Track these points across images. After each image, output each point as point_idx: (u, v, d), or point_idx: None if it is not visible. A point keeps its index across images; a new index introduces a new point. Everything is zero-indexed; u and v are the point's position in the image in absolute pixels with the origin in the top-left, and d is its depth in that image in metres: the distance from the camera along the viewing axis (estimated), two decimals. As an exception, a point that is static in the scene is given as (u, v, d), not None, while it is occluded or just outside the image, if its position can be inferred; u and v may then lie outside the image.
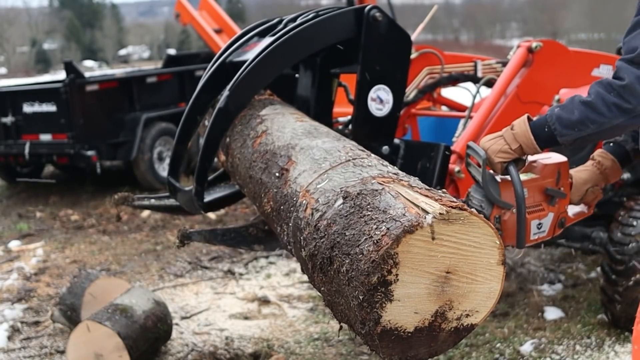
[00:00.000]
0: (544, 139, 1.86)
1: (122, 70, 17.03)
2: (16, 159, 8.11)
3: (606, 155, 2.20)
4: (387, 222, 1.20)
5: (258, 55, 2.41)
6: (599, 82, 1.78)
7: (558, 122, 1.82)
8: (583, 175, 2.16)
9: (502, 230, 1.94)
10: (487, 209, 1.94)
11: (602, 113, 1.74)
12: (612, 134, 1.89)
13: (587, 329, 3.71)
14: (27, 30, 60.08)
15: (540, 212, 2.00)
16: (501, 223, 1.94)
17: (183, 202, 2.68)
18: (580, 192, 2.14)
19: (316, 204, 1.47)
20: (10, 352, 3.86)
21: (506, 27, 64.93)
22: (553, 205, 2.02)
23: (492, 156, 1.91)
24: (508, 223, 1.94)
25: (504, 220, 1.94)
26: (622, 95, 1.71)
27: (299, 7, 34.61)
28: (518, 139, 1.88)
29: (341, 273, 1.26)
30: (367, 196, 1.32)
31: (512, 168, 1.89)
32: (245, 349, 3.69)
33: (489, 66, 4.08)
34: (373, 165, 1.56)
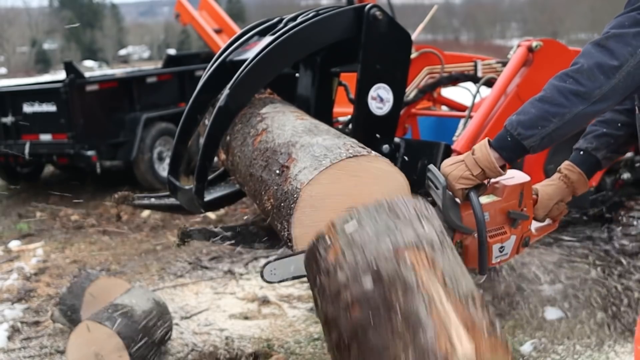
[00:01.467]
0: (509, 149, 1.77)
1: (122, 70, 17.03)
2: (16, 159, 8.11)
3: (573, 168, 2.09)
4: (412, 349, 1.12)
5: (258, 54, 2.40)
6: (555, 76, 1.71)
7: (519, 125, 1.74)
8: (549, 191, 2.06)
9: (464, 255, 1.86)
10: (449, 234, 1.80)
11: (559, 104, 1.67)
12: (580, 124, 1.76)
13: (587, 329, 3.71)
14: (27, 30, 60.07)
15: (503, 236, 1.92)
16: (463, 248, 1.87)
17: (183, 201, 2.67)
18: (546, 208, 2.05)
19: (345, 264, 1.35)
20: (10, 352, 3.86)
21: (506, 27, 64.92)
22: (516, 228, 1.94)
23: (453, 182, 1.83)
24: (470, 247, 1.86)
25: (465, 245, 1.86)
26: (577, 80, 1.64)
27: (299, 7, 34.58)
28: (480, 163, 1.79)
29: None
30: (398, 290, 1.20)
31: (472, 194, 1.82)
32: (245, 349, 3.69)
33: (489, 66, 4.07)
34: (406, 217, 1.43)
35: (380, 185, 1.78)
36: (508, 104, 3.19)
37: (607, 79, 1.61)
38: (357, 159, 1.73)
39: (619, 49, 1.60)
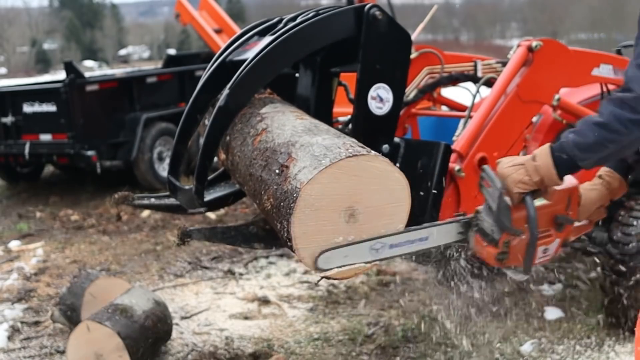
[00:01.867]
0: (564, 166, 1.83)
1: (122, 70, 17.03)
2: (16, 159, 8.11)
3: (612, 174, 2.17)
4: None
5: (258, 54, 2.40)
6: (610, 100, 1.73)
7: (576, 147, 1.78)
8: (592, 195, 2.12)
9: (509, 254, 1.96)
10: (497, 234, 1.95)
11: (617, 131, 1.70)
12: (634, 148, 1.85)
13: (587, 329, 3.71)
14: (27, 30, 60.07)
15: (548, 239, 2.00)
16: (509, 247, 1.95)
17: (183, 201, 2.67)
18: (588, 212, 2.12)
19: None
20: (10, 352, 3.86)
21: (506, 27, 64.91)
22: (560, 232, 2.02)
23: (511, 185, 1.89)
24: (516, 248, 1.95)
25: (512, 245, 1.95)
26: (634, 108, 1.66)
27: (299, 7, 34.57)
28: (540, 171, 1.84)
29: None
30: None
31: (529, 200, 1.90)
32: (245, 349, 3.69)
33: (489, 66, 4.07)
34: None
35: (380, 185, 1.78)
36: (508, 103, 3.19)
37: None
38: (356, 158, 1.73)
39: None
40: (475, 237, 2.03)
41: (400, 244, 1.91)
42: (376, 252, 1.86)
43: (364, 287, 4.53)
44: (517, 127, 3.22)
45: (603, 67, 3.64)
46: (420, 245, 1.97)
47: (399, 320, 3.97)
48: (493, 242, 1.95)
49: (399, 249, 1.91)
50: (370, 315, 4.07)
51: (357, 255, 1.82)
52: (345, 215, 1.75)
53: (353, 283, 4.59)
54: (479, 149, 3.06)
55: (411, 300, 4.30)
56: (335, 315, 4.12)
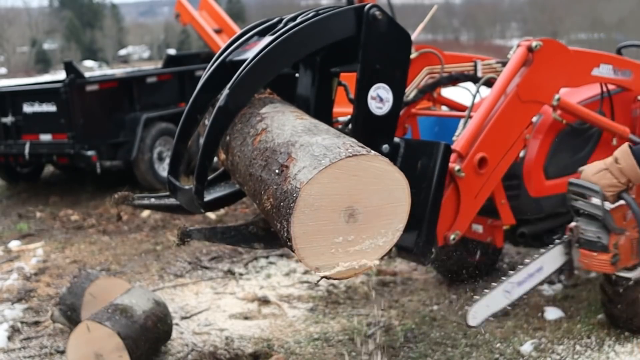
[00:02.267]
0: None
1: (122, 70, 17.04)
2: (16, 159, 8.11)
3: None
4: None
5: (258, 54, 2.40)
6: None
7: None
8: None
9: (620, 254, 2.13)
10: (605, 239, 2.11)
11: None
12: None
13: (587, 329, 3.71)
14: (27, 30, 60.07)
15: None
16: (618, 248, 2.12)
17: (183, 201, 2.67)
18: None
19: None
20: (10, 352, 3.86)
21: (506, 27, 64.91)
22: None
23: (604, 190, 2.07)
24: (625, 246, 2.12)
25: (620, 245, 2.12)
26: None
27: (299, 7, 34.59)
28: (626, 172, 2.02)
29: None
30: None
31: (626, 195, 2.06)
32: (245, 349, 3.69)
33: (489, 66, 4.07)
34: None
35: (379, 185, 1.78)
36: (508, 104, 3.18)
37: None
38: (356, 158, 1.73)
39: None
40: (580, 252, 2.19)
41: (525, 280, 2.15)
42: (509, 294, 2.13)
43: (364, 287, 4.53)
44: (517, 127, 3.21)
45: (603, 67, 3.64)
46: (539, 277, 2.22)
47: (399, 320, 3.97)
48: (603, 249, 2.12)
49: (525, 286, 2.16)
50: (370, 315, 4.07)
51: (496, 303, 2.08)
52: (345, 215, 1.75)
53: (353, 283, 4.59)
54: (479, 149, 3.05)
55: (411, 300, 4.30)
56: (335, 315, 4.13)
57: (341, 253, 1.78)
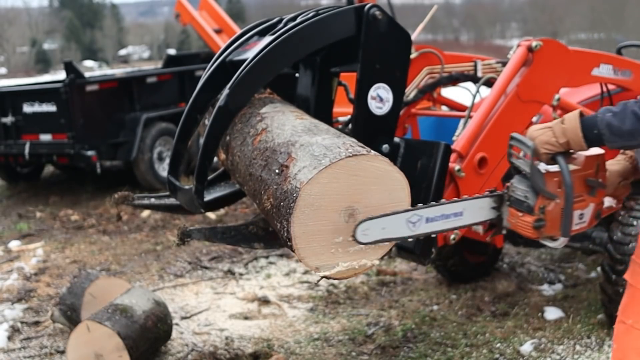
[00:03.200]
0: (591, 139, 1.89)
1: (122, 70, 17.04)
2: (16, 159, 8.11)
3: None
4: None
5: (258, 54, 2.40)
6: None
7: (608, 128, 1.84)
8: (616, 168, 2.17)
9: (546, 220, 1.98)
10: (532, 200, 1.97)
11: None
12: None
13: (587, 329, 3.71)
14: (27, 30, 60.09)
15: (582, 203, 2.04)
16: (545, 213, 1.97)
17: (183, 201, 2.67)
18: (613, 185, 2.17)
19: None
20: (10, 352, 3.86)
21: (506, 27, 64.92)
22: (594, 196, 2.06)
23: (538, 146, 1.93)
24: (552, 213, 1.97)
25: (548, 210, 1.97)
26: None
27: (299, 7, 34.62)
28: (567, 134, 1.90)
29: None
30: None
31: (560, 158, 1.94)
32: (245, 349, 3.69)
33: (489, 66, 4.07)
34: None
35: (379, 185, 1.78)
36: (508, 103, 3.18)
37: None
38: (356, 158, 1.73)
39: None
40: (509, 211, 2.05)
41: (437, 218, 1.92)
42: (413, 225, 1.86)
43: (364, 287, 4.53)
44: (517, 127, 3.20)
45: (603, 67, 3.64)
46: (456, 222, 1.98)
47: (399, 320, 3.97)
48: (529, 210, 1.98)
49: (435, 224, 1.92)
50: (370, 315, 4.07)
51: (395, 229, 1.82)
52: (345, 215, 1.75)
53: (353, 283, 4.59)
54: (479, 148, 3.05)
55: (411, 300, 4.30)
56: (335, 315, 4.13)
57: (341, 253, 1.78)
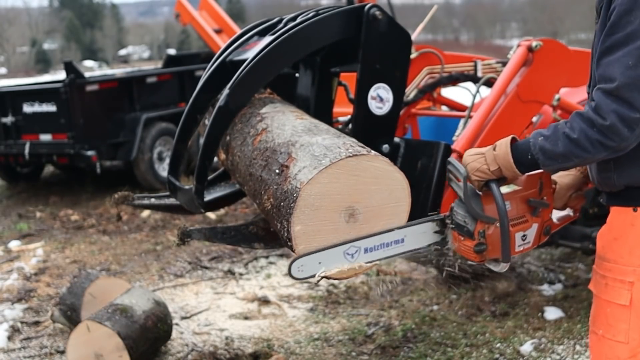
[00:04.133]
0: (526, 165, 1.86)
1: (122, 70, 17.04)
2: (16, 159, 8.11)
3: None
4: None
5: (258, 54, 2.40)
6: (581, 116, 1.74)
7: (541, 152, 1.81)
8: (566, 181, 2.12)
9: (487, 244, 1.91)
10: (471, 224, 1.91)
11: (585, 149, 1.73)
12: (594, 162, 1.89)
13: (587, 329, 3.69)
14: (27, 30, 60.11)
15: (524, 224, 1.98)
16: (485, 237, 1.91)
17: (183, 201, 2.67)
18: (564, 198, 2.12)
19: None
20: (10, 352, 3.86)
21: (506, 27, 64.95)
22: (537, 216, 1.99)
23: (470, 173, 1.90)
24: (492, 237, 1.91)
25: (488, 234, 1.91)
26: (604, 133, 1.69)
27: (299, 7, 34.66)
28: (498, 161, 1.86)
29: None
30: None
31: (493, 185, 1.88)
32: (245, 349, 3.69)
33: (489, 66, 4.07)
34: None
35: (379, 185, 1.78)
36: (508, 103, 3.18)
37: (631, 132, 1.67)
38: (356, 158, 1.73)
39: (635, 98, 1.65)
40: (452, 234, 1.99)
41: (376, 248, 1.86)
42: (351, 257, 1.82)
43: (364, 287, 4.53)
44: (517, 127, 3.21)
45: (603, 67, 3.63)
46: (397, 249, 1.91)
47: (399, 320, 3.97)
48: (469, 234, 1.91)
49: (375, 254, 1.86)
50: (370, 315, 4.07)
51: (332, 261, 1.78)
52: (345, 215, 1.75)
53: (353, 283, 4.59)
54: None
55: (411, 300, 4.30)
56: (335, 315, 4.12)
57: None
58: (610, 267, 1.86)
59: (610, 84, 1.67)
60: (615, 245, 1.85)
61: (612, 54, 1.70)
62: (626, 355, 1.85)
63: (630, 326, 1.83)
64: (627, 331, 1.83)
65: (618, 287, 1.83)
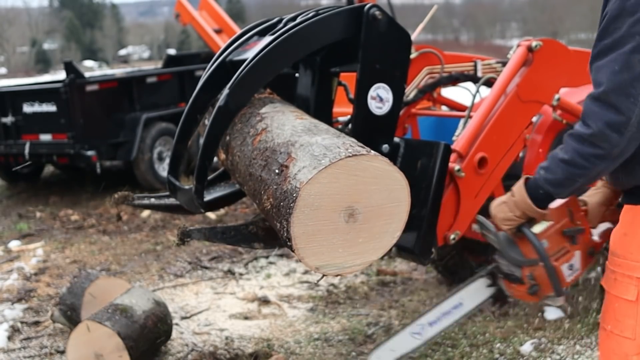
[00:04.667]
0: (542, 200, 1.93)
1: (122, 70, 17.05)
2: (16, 159, 8.11)
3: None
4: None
5: (258, 54, 2.40)
6: (571, 136, 1.79)
7: (548, 184, 1.88)
8: (596, 199, 2.16)
9: (539, 284, 2.01)
10: (517, 271, 2.01)
11: (583, 167, 1.77)
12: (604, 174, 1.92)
13: (587, 329, 3.71)
14: (27, 30, 60.12)
15: (567, 255, 2.04)
16: (534, 278, 2.00)
17: (183, 201, 2.67)
18: (598, 216, 2.16)
19: None
20: (10, 352, 3.86)
21: (506, 27, 64.99)
22: (576, 243, 2.05)
23: (500, 225, 1.99)
24: (541, 277, 2.00)
25: (536, 275, 2.00)
26: (594, 144, 1.72)
27: (299, 7, 34.65)
28: (519, 206, 1.95)
29: None
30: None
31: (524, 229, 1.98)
32: (245, 349, 3.69)
33: (489, 66, 4.07)
34: None
35: (379, 185, 1.77)
36: (508, 104, 3.18)
37: (621, 136, 1.69)
38: (356, 158, 1.73)
39: (621, 102, 1.66)
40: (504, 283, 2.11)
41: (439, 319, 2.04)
42: (419, 335, 2.01)
43: (364, 287, 4.53)
44: (517, 127, 3.21)
45: (603, 67, 3.63)
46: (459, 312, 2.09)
47: (399, 320, 3.97)
48: (518, 281, 2.03)
49: (440, 324, 2.04)
50: (370, 315, 4.07)
51: (403, 345, 1.97)
52: (345, 215, 1.75)
53: (353, 283, 4.59)
54: (478, 148, 3.05)
55: (411, 300, 4.30)
56: (335, 315, 4.13)
57: (341, 253, 1.78)
58: (619, 262, 1.88)
59: (598, 89, 1.71)
60: (625, 241, 1.88)
61: (600, 59, 1.73)
62: (634, 351, 1.84)
63: (637, 322, 1.83)
64: (634, 327, 1.84)
65: (626, 282, 1.85)
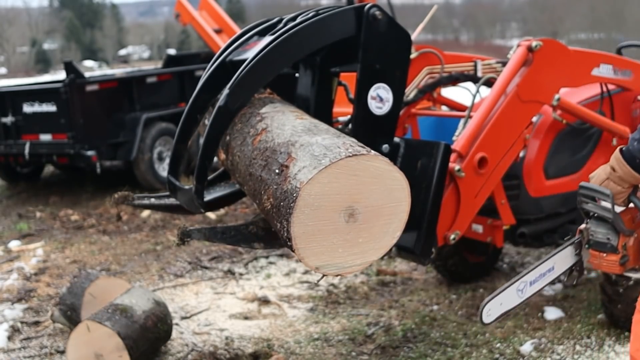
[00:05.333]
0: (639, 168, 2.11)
1: (122, 70, 17.05)
2: (16, 159, 8.11)
3: None
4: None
5: (258, 54, 2.40)
6: None
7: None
8: None
9: (629, 255, 2.18)
10: (615, 240, 2.17)
11: None
12: None
13: (587, 329, 3.71)
14: (27, 30, 60.11)
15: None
16: (627, 249, 2.17)
17: (183, 201, 2.67)
18: None
19: None
20: (10, 352, 3.86)
21: (506, 27, 64.97)
22: None
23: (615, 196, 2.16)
24: (633, 248, 2.18)
25: (629, 246, 2.17)
26: None
27: (299, 7, 34.64)
28: (625, 179, 2.11)
29: None
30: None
31: (634, 198, 2.15)
32: (245, 349, 3.69)
33: (489, 66, 4.07)
34: None
35: (379, 184, 1.78)
36: (508, 103, 3.19)
37: None
38: (356, 158, 1.73)
39: None
40: (590, 253, 2.27)
41: (537, 279, 2.21)
42: (522, 292, 2.18)
43: (364, 287, 4.53)
44: (517, 127, 3.22)
45: (603, 67, 3.64)
46: (550, 276, 2.25)
47: (399, 320, 3.97)
48: (613, 249, 2.19)
49: (537, 285, 2.21)
50: (370, 315, 4.07)
51: (509, 300, 2.15)
52: (345, 215, 1.75)
53: (353, 283, 4.59)
54: (478, 148, 3.05)
55: (411, 300, 4.30)
56: (335, 315, 4.13)
57: (341, 253, 1.78)
58: None
59: None
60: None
61: None
62: None
63: None
64: None
65: None
